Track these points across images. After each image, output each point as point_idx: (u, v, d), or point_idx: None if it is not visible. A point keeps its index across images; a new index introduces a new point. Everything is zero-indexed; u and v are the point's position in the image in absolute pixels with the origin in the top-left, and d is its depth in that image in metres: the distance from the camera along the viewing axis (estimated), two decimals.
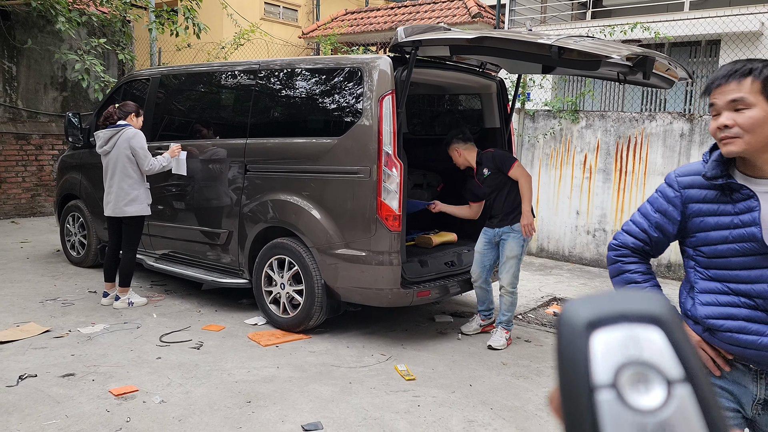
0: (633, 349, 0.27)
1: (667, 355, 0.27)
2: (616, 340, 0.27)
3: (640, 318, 0.28)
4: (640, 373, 0.27)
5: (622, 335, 0.28)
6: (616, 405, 0.26)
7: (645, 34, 7.95)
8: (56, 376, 3.91)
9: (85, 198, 6.72)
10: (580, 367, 0.27)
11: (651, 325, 0.28)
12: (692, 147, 7.05)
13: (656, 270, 7.33)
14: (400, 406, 3.66)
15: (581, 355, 0.28)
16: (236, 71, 5.55)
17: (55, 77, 10.37)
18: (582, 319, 0.28)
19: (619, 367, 0.27)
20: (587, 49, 3.61)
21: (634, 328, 0.28)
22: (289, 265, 4.85)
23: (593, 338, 0.28)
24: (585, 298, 0.29)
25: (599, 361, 0.27)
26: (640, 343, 0.27)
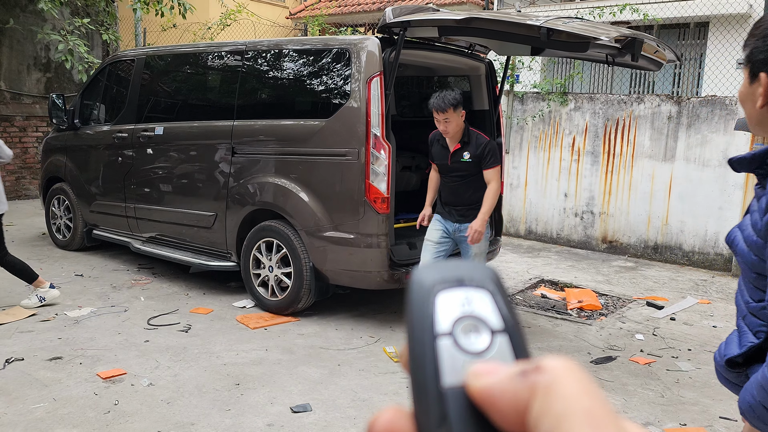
0: (467, 306, 0.35)
1: (492, 312, 0.35)
2: (454, 299, 0.35)
3: (473, 283, 0.35)
4: (471, 324, 0.34)
5: (460, 295, 0.35)
6: (453, 348, 0.33)
7: (634, 15, 7.93)
8: (43, 360, 3.89)
9: (70, 181, 6.65)
10: (427, 320, 0.34)
11: (481, 288, 0.35)
12: (680, 129, 7.07)
13: (642, 252, 7.40)
14: (388, 387, 3.68)
15: (428, 310, 0.35)
16: (222, 52, 5.48)
17: (39, 58, 10.19)
18: (429, 283, 0.35)
19: (456, 320, 0.34)
20: (576, 30, 3.60)
21: (468, 291, 0.35)
22: (278, 247, 4.84)
23: (437, 298, 0.35)
24: (430, 265, 0.37)
25: (441, 316, 0.34)
26: (472, 302, 0.35)
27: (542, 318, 5.11)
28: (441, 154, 4.22)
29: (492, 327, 0.34)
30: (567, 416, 0.29)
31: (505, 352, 0.34)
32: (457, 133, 4.10)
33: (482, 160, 4.09)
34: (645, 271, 6.86)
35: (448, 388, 0.32)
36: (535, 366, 0.32)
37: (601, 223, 7.71)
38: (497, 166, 4.15)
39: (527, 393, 0.31)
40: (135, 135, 5.87)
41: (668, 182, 7.18)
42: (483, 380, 0.32)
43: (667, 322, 5.14)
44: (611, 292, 5.97)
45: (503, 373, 0.32)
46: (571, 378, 0.31)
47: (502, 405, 0.31)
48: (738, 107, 6.71)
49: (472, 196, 4.17)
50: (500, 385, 0.31)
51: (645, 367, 4.17)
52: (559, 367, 0.31)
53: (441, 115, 3.98)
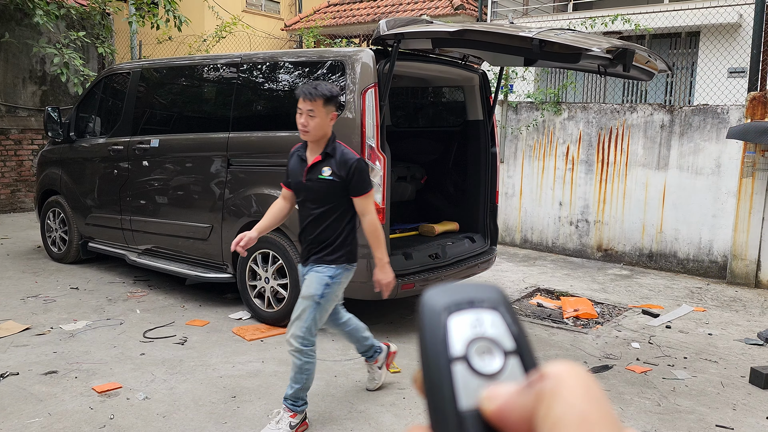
0: (479, 327, 0.35)
1: (504, 333, 0.35)
2: (466, 321, 0.35)
3: (483, 304, 0.36)
4: (484, 346, 0.35)
5: (471, 317, 0.35)
6: (467, 372, 0.34)
7: (626, 26, 8.00)
8: (38, 374, 3.87)
9: (65, 193, 6.65)
10: (441, 344, 0.35)
11: (492, 309, 0.36)
12: (672, 138, 7.12)
13: (637, 260, 7.42)
14: (385, 398, 3.68)
15: (441, 334, 0.35)
16: (218, 64, 5.51)
17: (34, 71, 10.21)
18: (441, 306, 0.36)
19: (469, 342, 0.35)
20: (568, 42, 3.64)
21: (479, 312, 0.36)
22: (273, 258, 4.84)
23: (449, 320, 0.35)
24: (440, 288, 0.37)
25: (454, 338, 0.35)
26: (484, 323, 0.35)
27: (538, 327, 5.11)
28: (297, 169, 3.32)
29: (504, 348, 0.35)
30: (562, 420, 0.30)
31: (517, 372, 0.35)
32: (318, 137, 3.21)
33: (348, 183, 3.19)
34: (640, 279, 6.88)
35: (466, 410, 0.33)
36: (540, 374, 0.33)
37: (596, 232, 7.74)
38: (370, 191, 3.25)
39: (534, 402, 0.32)
40: (130, 147, 5.88)
41: (662, 190, 7.22)
42: (495, 401, 0.33)
43: (663, 330, 5.15)
44: (607, 300, 5.99)
45: (512, 390, 0.33)
46: (573, 382, 0.32)
47: (513, 419, 0.32)
48: (730, 115, 6.77)
49: (328, 233, 3.25)
50: (511, 402, 0.32)
51: (641, 375, 4.17)
52: (562, 371, 0.32)
53: (305, 105, 3.16)
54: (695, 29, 9.16)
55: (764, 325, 5.32)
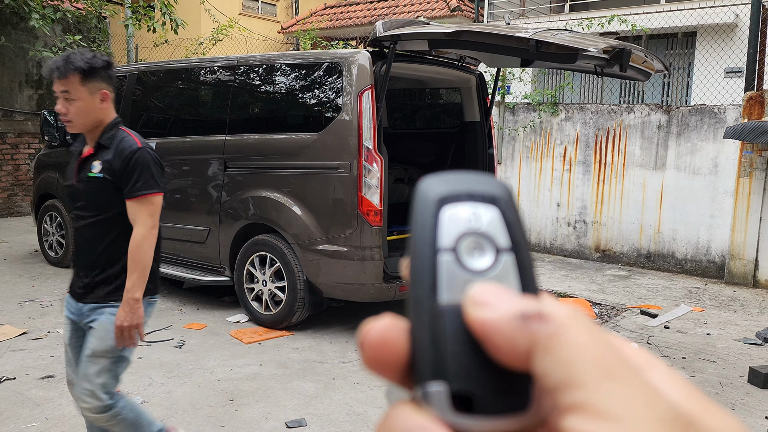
0: (473, 222, 0.33)
1: (500, 229, 0.33)
2: (461, 213, 0.33)
3: (483, 198, 0.33)
4: (476, 241, 0.33)
5: (467, 210, 0.33)
6: (454, 265, 0.32)
7: (622, 26, 8.01)
8: (35, 378, 3.86)
9: (62, 197, 6.63)
10: (429, 233, 0.33)
11: (491, 204, 0.33)
12: (670, 138, 7.13)
13: (635, 261, 7.43)
14: (384, 401, 3.66)
15: (431, 224, 0.33)
16: (214, 67, 5.50)
17: (30, 75, 10.20)
18: (435, 195, 0.34)
19: (460, 235, 0.33)
20: (565, 42, 3.64)
21: (477, 206, 0.33)
22: (271, 261, 4.83)
23: (442, 211, 0.33)
24: (438, 176, 0.35)
25: (445, 230, 0.33)
26: (480, 217, 0.33)
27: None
28: (70, 168, 2.56)
29: (498, 245, 0.32)
30: (577, 364, 0.28)
31: (510, 272, 0.32)
32: (89, 126, 2.42)
33: (122, 179, 2.40)
34: (638, 279, 6.88)
35: (446, 305, 0.31)
36: (538, 312, 0.30)
37: (593, 232, 7.74)
38: (149, 195, 2.47)
39: (527, 340, 0.29)
40: None
41: (659, 191, 7.22)
42: (481, 313, 0.30)
43: (661, 330, 5.15)
44: (605, 301, 5.98)
45: (503, 309, 0.30)
46: (577, 326, 0.29)
47: (498, 343, 0.30)
48: (727, 115, 6.78)
49: (108, 255, 2.46)
50: (498, 324, 0.30)
51: None
52: (563, 315, 0.30)
53: (58, 86, 2.37)
54: (692, 29, 9.17)
55: (762, 325, 5.32)
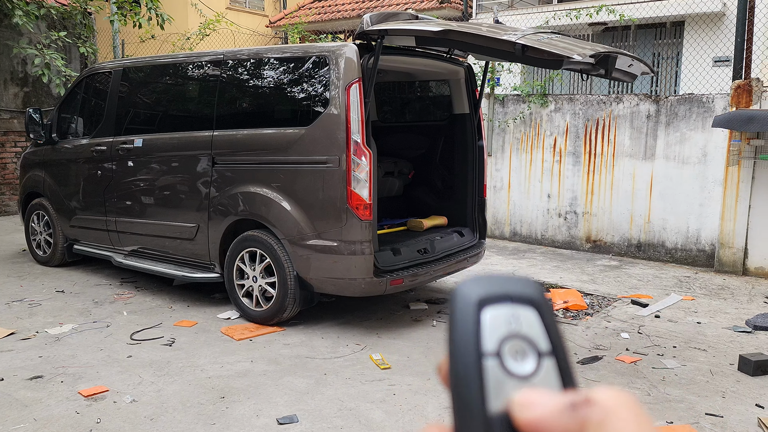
0: (514, 324, 0.33)
1: (540, 332, 0.33)
2: (501, 316, 0.33)
3: (520, 299, 0.33)
4: (518, 345, 0.33)
5: (506, 313, 0.33)
6: (499, 370, 0.32)
7: (611, 16, 8.00)
8: (23, 379, 3.82)
9: (49, 196, 6.57)
10: (472, 337, 0.33)
11: (529, 306, 0.33)
12: (659, 128, 7.14)
13: (626, 251, 7.45)
14: (375, 395, 3.66)
15: (473, 327, 0.33)
16: (201, 62, 5.45)
17: (15, 72, 10.08)
18: (474, 297, 0.33)
19: (502, 339, 0.33)
20: (551, 48, 3.63)
21: (515, 308, 0.33)
22: (261, 257, 4.81)
23: (483, 314, 0.33)
24: (475, 279, 0.34)
25: (487, 333, 0.33)
26: (519, 320, 0.33)
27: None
28: None
29: (539, 349, 0.33)
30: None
31: (552, 376, 0.33)
32: None
33: None
34: (629, 269, 6.90)
35: (494, 413, 0.31)
36: (585, 398, 0.30)
37: (584, 223, 7.75)
38: None
39: (578, 428, 0.30)
40: (114, 148, 5.81)
41: (649, 180, 7.24)
42: (531, 412, 0.31)
43: (652, 319, 5.17)
44: (596, 291, 6.00)
45: (552, 404, 0.31)
46: (624, 413, 0.29)
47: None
48: (715, 104, 6.79)
49: None
50: (549, 419, 0.30)
51: (631, 365, 4.18)
52: (611, 400, 0.30)
53: None
54: (680, 19, 9.18)
55: (752, 313, 5.34)
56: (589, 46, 4.00)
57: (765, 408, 3.57)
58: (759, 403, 3.64)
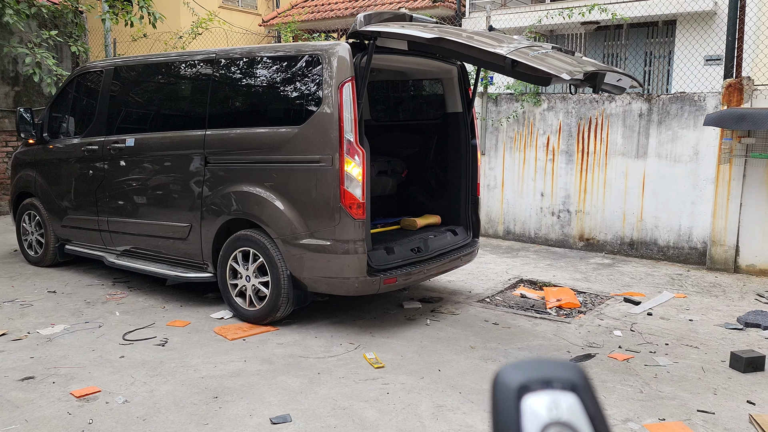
0: (555, 411, 0.32)
1: (581, 418, 0.32)
2: (541, 403, 0.32)
3: (561, 385, 0.33)
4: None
5: (547, 399, 0.33)
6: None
7: (603, 15, 8.02)
8: (15, 380, 3.80)
9: (40, 195, 6.53)
10: (513, 426, 0.32)
11: (569, 391, 0.33)
12: (651, 126, 7.16)
13: (619, 249, 7.47)
14: (369, 394, 3.66)
15: (514, 415, 0.32)
16: (193, 61, 5.43)
17: (6, 71, 10.01)
18: (514, 385, 0.33)
19: (544, 427, 0.32)
20: (541, 65, 3.66)
21: (556, 394, 0.33)
22: (254, 257, 4.79)
23: (524, 401, 0.32)
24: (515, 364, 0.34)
25: (528, 422, 0.32)
26: (560, 406, 0.32)
27: (522, 318, 5.12)
28: None
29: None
30: None
31: None
32: None
33: None
34: (622, 267, 6.93)
35: None
36: None
37: (577, 222, 7.77)
38: None
39: None
40: (106, 147, 5.78)
41: (641, 179, 7.27)
42: None
43: (645, 317, 5.19)
44: (589, 289, 6.01)
45: None
46: None
47: None
48: (707, 103, 6.82)
49: None
50: None
51: (623, 363, 4.19)
52: None
53: None
54: (672, 18, 9.21)
55: (744, 310, 5.37)
56: (580, 64, 4.03)
57: (756, 404, 3.59)
58: (750, 399, 3.66)
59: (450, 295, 5.75)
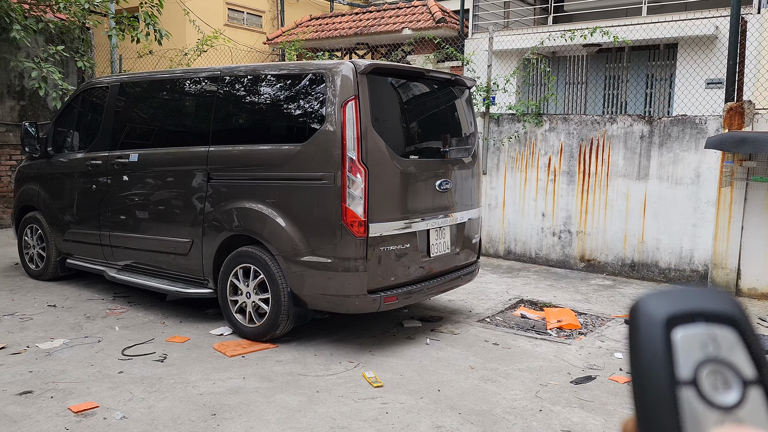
0: (712, 348, 0.28)
1: (743, 356, 0.28)
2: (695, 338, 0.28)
3: (717, 318, 0.29)
4: (718, 371, 0.28)
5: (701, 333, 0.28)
6: (697, 402, 0.27)
7: (605, 38, 8.10)
8: (13, 394, 3.78)
9: (43, 209, 6.55)
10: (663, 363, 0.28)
11: (727, 325, 0.29)
12: (652, 148, 7.19)
13: (620, 270, 7.46)
14: (368, 413, 3.64)
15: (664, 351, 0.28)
16: (198, 78, 5.48)
17: (12, 86, 10.09)
18: (662, 315, 0.29)
19: (698, 364, 0.28)
20: None
21: (711, 327, 0.28)
22: (255, 273, 4.79)
23: (674, 335, 0.28)
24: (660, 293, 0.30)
25: (681, 358, 0.28)
26: (717, 342, 0.28)
27: (522, 338, 5.10)
28: None
29: (744, 376, 0.28)
30: None
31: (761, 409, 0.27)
32: None
33: None
34: (623, 288, 6.91)
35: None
36: None
37: (578, 242, 7.77)
38: None
39: None
40: (109, 162, 5.81)
41: (643, 200, 7.28)
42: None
43: None
44: (590, 310, 6.00)
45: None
46: None
47: None
48: (708, 126, 6.86)
49: None
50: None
51: (625, 385, 4.17)
52: None
53: None
54: (673, 41, 9.29)
55: None
56: None
57: None
58: None
59: (450, 314, 5.74)
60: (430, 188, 4.94)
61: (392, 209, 4.61)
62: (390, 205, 4.60)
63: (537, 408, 3.78)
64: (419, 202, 4.84)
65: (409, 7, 12.64)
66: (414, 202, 4.79)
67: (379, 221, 4.49)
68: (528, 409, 3.77)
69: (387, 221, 4.55)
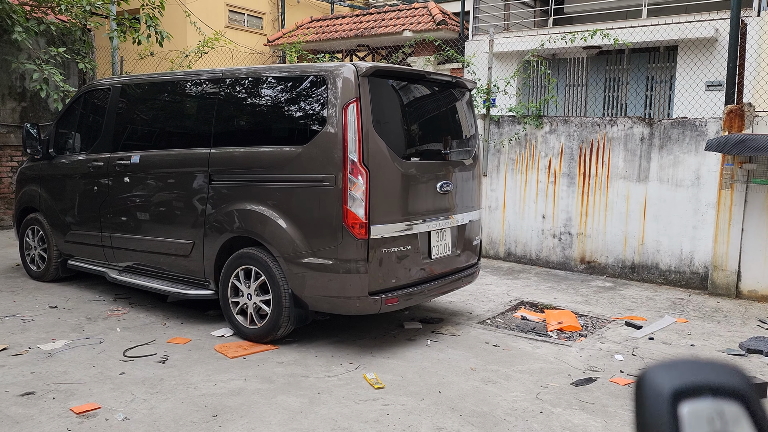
0: (719, 423, 0.27)
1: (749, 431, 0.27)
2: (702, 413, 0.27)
3: (724, 392, 0.28)
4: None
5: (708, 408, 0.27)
6: None
7: (605, 40, 8.12)
8: (15, 395, 3.79)
9: (44, 211, 6.56)
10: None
11: (734, 399, 0.28)
12: (652, 150, 7.21)
13: (620, 272, 7.47)
14: (369, 415, 3.65)
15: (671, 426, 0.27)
16: (199, 80, 5.49)
17: (14, 87, 10.11)
18: (668, 388, 0.28)
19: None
20: None
21: (718, 402, 0.28)
22: (256, 275, 4.80)
23: (681, 409, 0.28)
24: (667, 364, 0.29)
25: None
26: (724, 417, 0.27)
27: (522, 340, 5.11)
28: None
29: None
30: None
31: None
32: None
33: None
34: (623, 290, 6.92)
35: None
36: None
37: (578, 244, 7.78)
38: None
39: None
40: (111, 163, 5.83)
41: (643, 202, 7.29)
42: None
43: (646, 341, 5.18)
44: (590, 312, 6.01)
45: None
46: None
47: None
48: (708, 128, 6.87)
49: None
50: None
51: (625, 387, 4.18)
52: None
53: None
54: (673, 43, 9.31)
55: (745, 336, 5.36)
56: None
57: None
58: None
59: (451, 316, 5.75)
60: (430, 190, 4.95)
61: (393, 211, 4.62)
62: (391, 207, 4.61)
63: (538, 410, 3.79)
64: (420, 203, 4.85)
65: (409, 9, 12.66)
66: (415, 203, 4.80)
67: (381, 223, 4.50)
68: (529, 410, 3.78)
69: (388, 223, 4.56)
